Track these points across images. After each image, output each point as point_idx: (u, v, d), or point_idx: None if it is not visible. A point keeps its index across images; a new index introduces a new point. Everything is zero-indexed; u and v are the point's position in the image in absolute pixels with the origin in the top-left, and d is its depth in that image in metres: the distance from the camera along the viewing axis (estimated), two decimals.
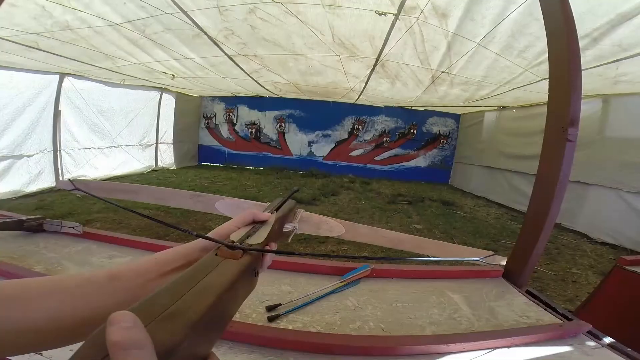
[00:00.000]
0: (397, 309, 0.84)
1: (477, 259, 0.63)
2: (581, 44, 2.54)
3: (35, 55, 3.80)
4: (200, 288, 0.28)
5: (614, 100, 4.22)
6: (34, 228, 1.12)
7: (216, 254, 0.35)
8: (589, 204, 4.43)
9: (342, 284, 0.91)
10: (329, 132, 9.07)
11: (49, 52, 3.75)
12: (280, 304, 0.79)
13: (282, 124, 9.06)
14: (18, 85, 4.45)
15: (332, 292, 0.88)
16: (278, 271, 0.98)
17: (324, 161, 9.17)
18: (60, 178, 5.25)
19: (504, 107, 6.45)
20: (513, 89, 4.41)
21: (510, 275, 1.04)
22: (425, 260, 2.73)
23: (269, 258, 0.45)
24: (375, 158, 9.12)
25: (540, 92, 4.31)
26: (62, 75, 5.04)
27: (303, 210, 0.73)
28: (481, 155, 7.42)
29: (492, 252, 0.67)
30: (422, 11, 2.51)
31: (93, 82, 5.66)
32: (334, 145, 9.15)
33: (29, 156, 4.75)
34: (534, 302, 0.92)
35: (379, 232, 0.68)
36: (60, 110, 5.12)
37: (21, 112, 4.56)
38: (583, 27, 2.37)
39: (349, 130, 9.00)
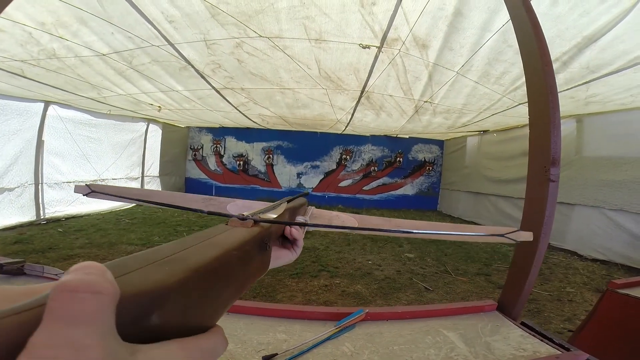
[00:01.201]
0: (393, 352, 0.82)
1: (501, 234, 0.61)
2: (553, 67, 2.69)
3: (20, 82, 3.77)
4: (207, 242, 0.26)
5: (587, 120, 4.41)
6: (14, 271, 1.07)
7: (226, 224, 0.35)
8: (575, 223, 4.50)
9: (338, 329, 0.90)
10: (318, 163, 9.14)
11: (33, 80, 3.72)
12: (276, 354, 0.76)
13: (270, 155, 9.10)
14: (3, 113, 4.35)
15: (328, 338, 0.87)
16: (272, 318, 0.96)
17: (314, 193, 9.16)
18: (42, 213, 5.08)
19: (484, 131, 6.67)
20: (492, 114, 4.58)
21: (505, 308, 1.05)
22: (420, 301, 2.68)
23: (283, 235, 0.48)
24: (364, 188, 9.18)
25: (518, 116, 4.49)
26: (47, 104, 4.95)
27: (314, 207, 0.71)
28: (466, 180, 7.56)
29: (515, 228, 0.65)
30: (403, 43, 2.63)
31: (78, 111, 5.58)
32: (322, 176, 9.18)
33: (10, 190, 4.57)
34: (529, 333, 0.92)
35: (392, 222, 0.66)
36: (43, 141, 4.99)
37: (5, 142, 4.42)
38: (553, 51, 2.52)
39: (337, 160, 9.10)
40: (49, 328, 0.13)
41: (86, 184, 0.65)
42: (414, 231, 0.46)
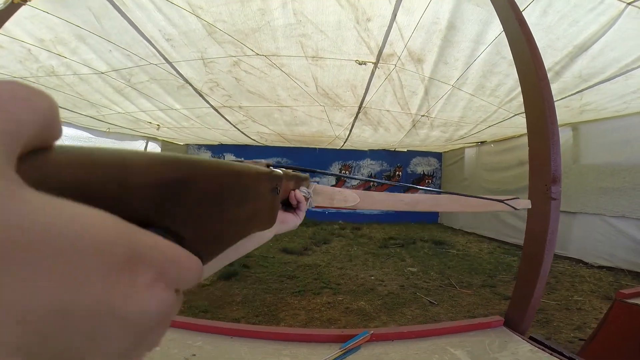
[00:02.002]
0: None
1: (500, 200, 0.60)
2: None
3: None
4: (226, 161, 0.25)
5: (583, 128, 4.43)
6: None
7: None
8: (578, 231, 4.47)
9: (343, 352, 0.90)
10: (317, 179, 9.08)
11: None
12: None
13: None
14: None
15: None
16: (277, 342, 0.96)
17: (314, 209, 9.05)
18: None
19: (482, 142, 6.71)
20: (489, 126, 4.62)
21: (512, 323, 1.05)
22: (425, 316, 2.63)
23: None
24: None
25: (514, 126, 4.53)
26: None
27: (317, 183, 0.72)
28: (466, 192, 7.47)
29: (515, 196, 0.65)
30: (399, 58, 2.68)
31: (78, 129, 5.56)
32: None
33: None
34: (539, 348, 0.91)
35: (394, 197, 0.66)
36: None
37: None
38: (546, 61, 2.52)
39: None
40: None
41: None
42: (420, 187, 0.45)
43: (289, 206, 0.55)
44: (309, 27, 2.37)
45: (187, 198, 0.16)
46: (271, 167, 0.40)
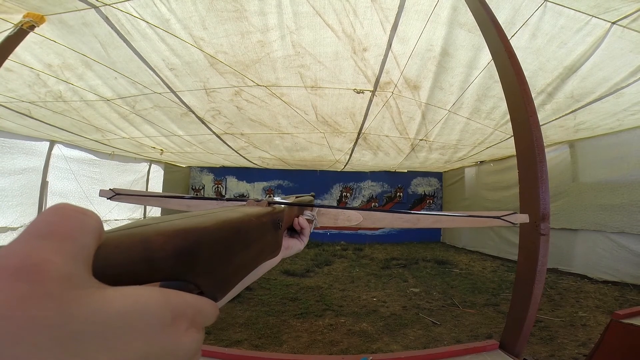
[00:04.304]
0: None
1: (498, 217, 0.62)
2: (538, 99, 2.78)
3: (27, 122, 3.81)
4: (230, 209, 0.29)
5: (579, 145, 4.47)
6: None
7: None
8: (581, 247, 4.44)
9: None
10: (318, 201, 9.06)
11: (40, 121, 3.76)
12: None
13: (271, 195, 9.09)
14: (10, 152, 4.39)
15: None
16: None
17: (315, 230, 9.01)
18: None
19: (481, 161, 6.75)
20: (487, 148, 4.67)
21: (507, 346, 1.07)
22: (428, 336, 2.60)
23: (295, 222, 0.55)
24: None
25: (512, 147, 4.53)
26: (52, 143, 4.98)
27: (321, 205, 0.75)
28: (467, 211, 7.48)
29: (512, 211, 0.67)
30: (395, 85, 2.76)
31: (83, 151, 5.63)
32: None
33: (13, 229, 4.51)
34: None
35: (395, 215, 0.69)
36: (47, 181, 4.97)
37: (12, 181, 4.45)
38: (538, 83, 2.62)
39: (338, 198, 9.10)
40: (22, 237, 0.14)
41: (110, 188, 0.70)
42: (419, 213, 0.49)
43: (293, 231, 0.58)
44: (308, 58, 2.46)
45: (197, 259, 0.21)
46: (273, 205, 0.43)
